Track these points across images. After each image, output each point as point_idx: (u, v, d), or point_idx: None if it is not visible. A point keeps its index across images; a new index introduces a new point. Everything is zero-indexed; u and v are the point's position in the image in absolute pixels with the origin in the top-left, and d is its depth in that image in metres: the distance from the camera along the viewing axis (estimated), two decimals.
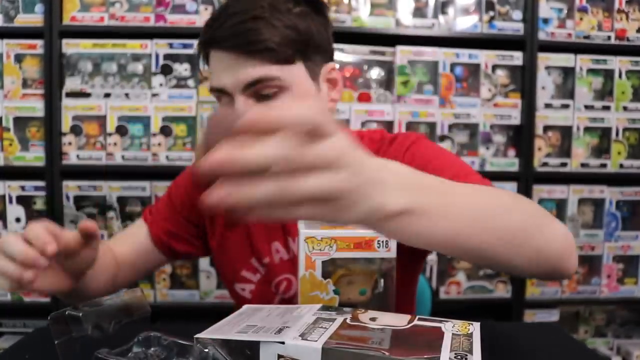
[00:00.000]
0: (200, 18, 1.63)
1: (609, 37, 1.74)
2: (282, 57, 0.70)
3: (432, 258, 1.70)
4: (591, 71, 1.75)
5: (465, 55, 1.70)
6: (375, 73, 1.72)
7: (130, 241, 0.89)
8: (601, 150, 1.77)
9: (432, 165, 0.74)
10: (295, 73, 0.72)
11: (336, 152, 0.37)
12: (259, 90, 0.70)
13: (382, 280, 0.62)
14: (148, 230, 0.89)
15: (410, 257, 0.85)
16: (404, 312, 0.54)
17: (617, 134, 1.75)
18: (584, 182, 1.76)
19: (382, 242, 0.60)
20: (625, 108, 1.76)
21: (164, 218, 0.90)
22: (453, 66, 1.70)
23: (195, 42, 1.59)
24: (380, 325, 0.48)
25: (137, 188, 1.65)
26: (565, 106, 1.74)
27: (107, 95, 1.63)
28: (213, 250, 0.92)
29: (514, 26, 1.70)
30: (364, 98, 1.69)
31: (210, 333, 0.46)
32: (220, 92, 0.73)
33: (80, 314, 0.53)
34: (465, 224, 0.47)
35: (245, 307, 0.56)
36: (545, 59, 1.71)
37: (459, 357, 0.41)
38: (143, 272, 0.93)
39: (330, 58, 0.78)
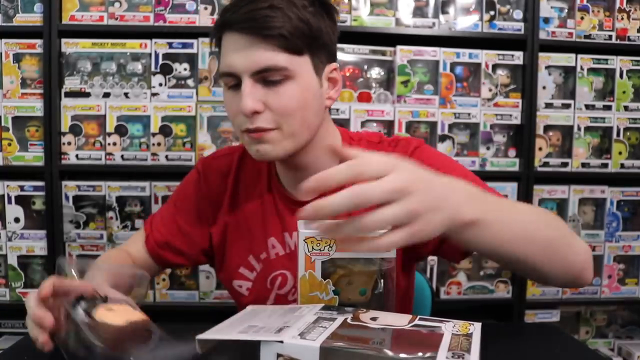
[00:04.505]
0: (200, 18, 1.62)
1: (610, 37, 1.74)
2: (292, 46, 0.73)
3: (432, 258, 1.70)
4: (592, 71, 1.74)
5: (465, 54, 1.69)
6: (375, 73, 1.72)
7: (135, 248, 0.94)
8: (602, 150, 1.77)
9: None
10: (302, 65, 0.75)
11: (400, 183, 0.47)
12: (266, 77, 0.74)
13: (382, 281, 0.61)
14: (145, 240, 0.94)
15: (409, 256, 0.86)
16: (402, 311, 0.53)
17: (618, 134, 1.74)
18: (584, 182, 1.76)
19: None
20: (626, 108, 1.76)
21: (165, 226, 0.94)
22: (453, 66, 1.70)
23: (195, 42, 1.61)
24: (380, 324, 0.48)
25: (136, 188, 1.64)
26: (566, 106, 1.74)
27: (107, 94, 1.62)
28: (214, 247, 0.93)
29: (514, 25, 1.70)
30: (364, 98, 1.68)
31: (212, 333, 0.46)
32: (228, 76, 0.76)
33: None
34: (517, 236, 0.59)
35: (249, 307, 0.56)
36: (546, 59, 1.71)
37: (456, 356, 0.41)
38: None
39: (333, 59, 0.82)
